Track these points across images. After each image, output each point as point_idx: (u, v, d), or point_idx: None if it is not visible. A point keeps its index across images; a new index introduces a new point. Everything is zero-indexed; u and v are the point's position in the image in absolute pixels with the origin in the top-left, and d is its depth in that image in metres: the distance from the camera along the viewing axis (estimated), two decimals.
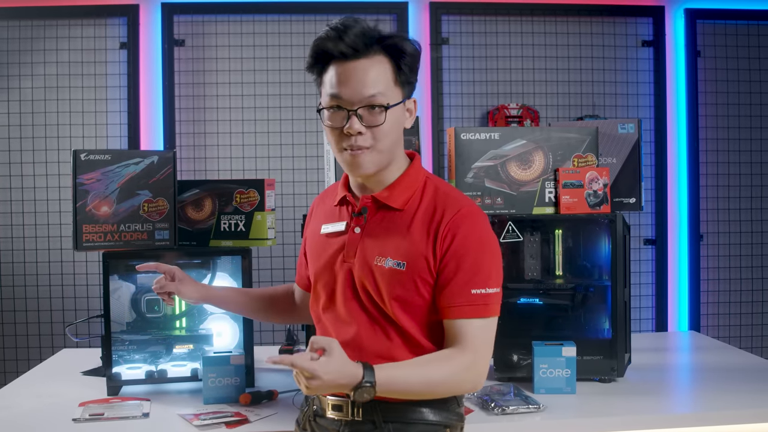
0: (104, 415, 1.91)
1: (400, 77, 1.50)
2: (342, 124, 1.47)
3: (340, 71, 1.47)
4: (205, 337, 2.24)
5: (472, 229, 1.48)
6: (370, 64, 1.46)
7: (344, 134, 1.47)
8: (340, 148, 1.50)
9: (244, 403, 2.00)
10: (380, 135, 1.47)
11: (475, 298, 1.45)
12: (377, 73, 1.46)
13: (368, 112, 1.46)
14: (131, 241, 2.17)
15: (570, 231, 2.31)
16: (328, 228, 1.59)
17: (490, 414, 1.91)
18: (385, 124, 1.47)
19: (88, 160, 2.13)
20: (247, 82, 3.89)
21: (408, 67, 1.50)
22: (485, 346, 1.48)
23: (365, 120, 1.46)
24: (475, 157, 2.26)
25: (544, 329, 2.27)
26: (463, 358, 1.45)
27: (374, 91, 1.45)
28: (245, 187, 2.25)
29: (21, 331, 3.82)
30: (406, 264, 1.47)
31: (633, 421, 1.92)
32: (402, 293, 1.47)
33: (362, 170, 1.49)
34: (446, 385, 1.46)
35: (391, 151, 1.52)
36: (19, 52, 3.82)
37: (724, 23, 4.07)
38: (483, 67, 3.99)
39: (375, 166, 1.50)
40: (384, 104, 1.46)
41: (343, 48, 1.45)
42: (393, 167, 1.55)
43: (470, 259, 1.46)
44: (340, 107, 1.47)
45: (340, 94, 1.46)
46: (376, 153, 1.48)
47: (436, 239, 1.47)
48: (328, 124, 1.50)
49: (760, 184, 4.11)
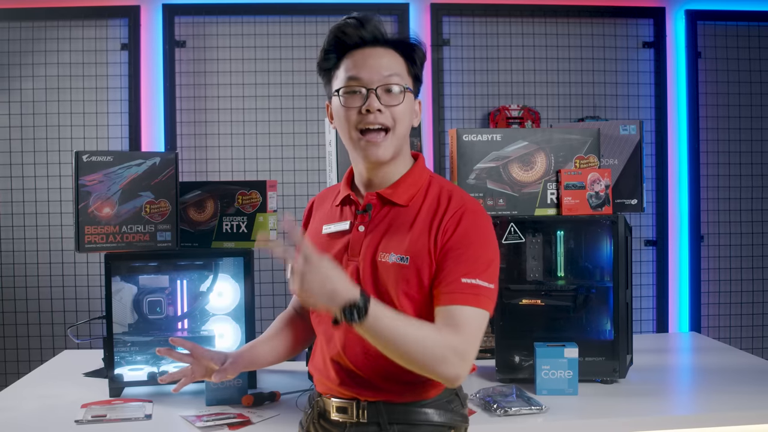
0: (107, 416, 1.91)
1: (413, 69, 1.54)
2: (359, 105, 1.48)
3: (357, 57, 1.50)
4: (207, 338, 2.24)
5: (473, 225, 1.48)
6: (385, 53, 1.51)
7: (361, 114, 1.48)
8: (355, 132, 1.50)
9: (246, 405, 2.00)
10: (398, 116, 1.49)
11: (465, 287, 1.43)
12: (394, 61, 1.51)
13: (386, 93, 1.49)
14: (133, 243, 2.17)
15: (572, 232, 2.31)
16: (331, 228, 1.59)
17: (492, 415, 1.91)
18: (402, 105, 1.49)
19: (90, 161, 2.13)
20: (248, 83, 3.89)
21: (420, 60, 1.54)
22: (474, 336, 1.41)
23: (383, 100, 1.48)
24: (477, 158, 2.26)
25: (546, 330, 2.27)
26: (452, 338, 1.38)
27: (392, 72, 1.49)
28: (247, 189, 2.26)
29: (23, 333, 3.82)
30: (410, 258, 1.47)
31: (635, 422, 1.92)
32: (406, 288, 1.47)
33: (380, 155, 1.50)
34: (429, 352, 1.36)
35: (403, 141, 1.54)
36: (21, 54, 3.82)
37: (724, 24, 4.07)
38: (484, 68, 3.99)
39: (392, 150, 1.51)
40: (402, 85, 1.50)
41: (364, 34, 1.49)
42: (399, 164, 1.55)
43: (467, 250, 1.46)
44: (356, 91, 1.49)
45: (359, 75, 1.48)
46: (395, 138, 1.50)
47: (438, 232, 1.47)
48: (345, 106, 1.50)
49: (761, 185, 4.11)
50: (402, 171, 1.56)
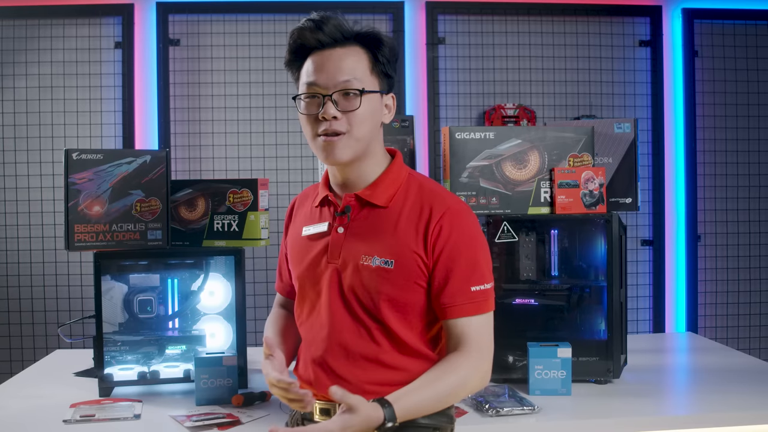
0: (95, 416, 1.89)
1: (377, 67, 1.50)
2: (317, 111, 1.46)
3: (316, 60, 1.48)
4: (197, 338, 2.23)
5: (462, 227, 1.48)
6: (346, 53, 1.47)
7: (319, 120, 1.46)
8: (314, 135, 1.49)
9: (236, 405, 1.98)
10: (355, 120, 1.46)
11: (475, 294, 1.47)
12: (353, 61, 1.47)
13: (343, 97, 1.46)
14: (123, 241, 2.15)
15: (566, 231, 2.30)
16: (310, 230, 1.57)
17: (484, 415, 1.89)
18: (360, 109, 1.46)
19: (80, 159, 2.11)
20: (241, 82, 3.87)
21: (385, 58, 1.51)
22: (488, 343, 1.50)
23: (340, 105, 1.46)
24: (470, 156, 2.24)
25: (540, 330, 2.25)
26: (469, 363, 1.45)
27: (349, 77, 1.46)
28: (238, 187, 2.24)
29: (15, 332, 3.80)
30: (395, 262, 1.46)
31: (629, 422, 1.90)
32: (391, 292, 1.46)
33: (336, 156, 1.47)
34: (458, 395, 1.47)
35: (368, 142, 1.50)
36: (14, 52, 3.80)
37: (721, 23, 4.06)
38: (479, 66, 3.97)
39: (350, 152, 1.48)
40: (359, 89, 1.46)
41: (322, 37, 1.47)
42: (373, 163, 1.53)
43: (465, 256, 1.47)
44: (315, 95, 1.47)
45: (316, 81, 1.46)
46: (352, 140, 1.47)
47: (426, 236, 1.46)
48: (303, 112, 1.49)
49: (758, 184, 4.09)
50: (378, 170, 1.54)
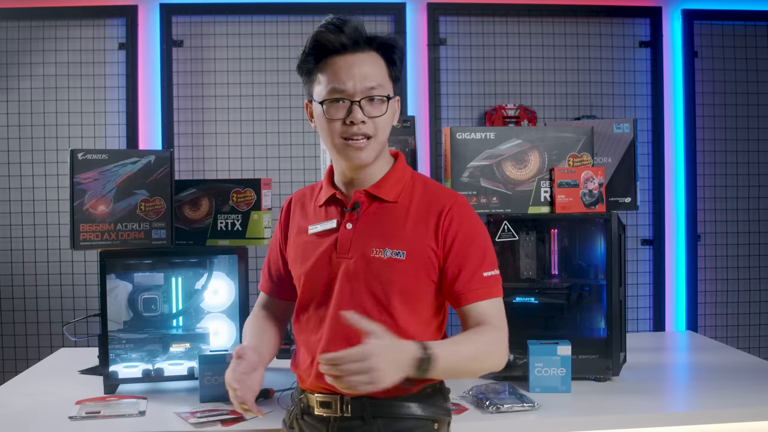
0: (100, 413, 1.92)
1: (393, 72, 1.56)
2: (342, 116, 1.50)
3: (340, 64, 1.51)
4: (201, 335, 2.25)
5: (471, 217, 1.56)
6: (367, 59, 1.52)
7: (345, 125, 1.50)
8: (338, 140, 1.52)
9: None
10: (381, 125, 1.52)
11: (488, 279, 1.52)
12: (377, 67, 1.52)
13: (369, 103, 1.51)
14: (128, 240, 2.18)
15: (565, 230, 2.32)
16: (317, 227, 1.60)
17: (484, 412, 1.92)
18: (385, 115, 1.52)
19: (85, 159, 2.14)
20: (245, 83, 3.90)
21: (399, 60, 1.56)
22: (505, 323, 1.53)
23: (366, 111, 1.50)
24: (470, 156, 2.27)
25: (540, 328, 2.27)
26: (495, 333, 1.49)
27: (375, 83, 1.51)
28: (242, 187, 2.26)
29: (20, 331, 3.83)
30: (406, 253, 1.50)
31: (628, 419, 1.92)
32: (402, 283, 1.49)
33: (363, 159, 1.53)
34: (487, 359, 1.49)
35: (385, 144, 1.57)
36: (19, 53, 3.83)
37: (721, 24, 4.07)
38: (480, 67, 3.99)
39: (374, 155, 1.54)
40: (385, 95, 1.52)
41: (344, 40, 1.50)
42: (380, 163, 1.59)
43: (477, 244, 1.53)
44: (340, 100, 1.50)
45: (342, 87, 1.50)
46: (377, 143, 1.53)
47: (437, 228, 1.52)
48: (328, 117, 1.52)
49: (758, 184, 4.11)
50: (384, 170, 1.59)
